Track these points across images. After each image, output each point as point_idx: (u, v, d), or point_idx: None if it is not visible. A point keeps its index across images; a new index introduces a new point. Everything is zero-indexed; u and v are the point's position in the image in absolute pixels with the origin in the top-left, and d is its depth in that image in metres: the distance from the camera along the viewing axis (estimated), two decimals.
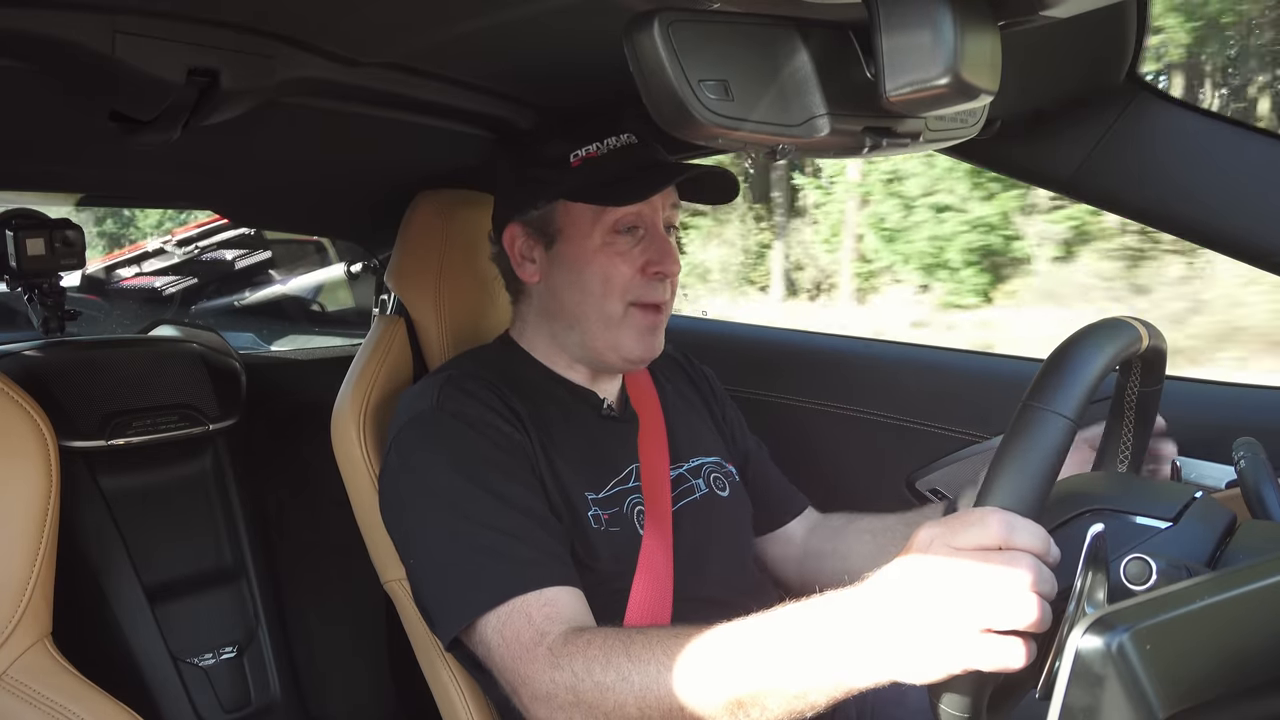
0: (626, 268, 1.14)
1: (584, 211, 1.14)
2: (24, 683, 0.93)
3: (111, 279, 2.76)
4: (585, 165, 1.13)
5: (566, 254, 1.15)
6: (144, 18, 0.89)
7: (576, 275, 1.15)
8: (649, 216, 1.15)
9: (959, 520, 0.69)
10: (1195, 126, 1.17)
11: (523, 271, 1.19)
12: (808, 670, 0.76)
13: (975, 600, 0.67)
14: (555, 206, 1.15)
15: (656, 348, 1.18)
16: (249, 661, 1.62)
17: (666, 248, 1.15)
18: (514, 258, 1.20)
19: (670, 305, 1.19)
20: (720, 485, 1.27)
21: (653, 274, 1.14)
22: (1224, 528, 0.75)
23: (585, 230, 1.14)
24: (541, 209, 1.16)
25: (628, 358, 1.17)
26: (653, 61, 0.61)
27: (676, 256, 1.16)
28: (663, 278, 1.15)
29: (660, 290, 1.15)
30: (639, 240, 1.14)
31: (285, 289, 2.74)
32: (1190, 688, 0.58)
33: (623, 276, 1.13)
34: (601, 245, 1.13)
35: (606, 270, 1.13)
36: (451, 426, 1.09)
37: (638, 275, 1.14)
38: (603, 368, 1.22)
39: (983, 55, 0.61)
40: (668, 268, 1.14)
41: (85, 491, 1.51)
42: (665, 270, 1.14)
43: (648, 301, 1.15)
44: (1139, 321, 0.83)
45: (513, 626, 0.97)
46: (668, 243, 1.16)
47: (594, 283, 1.14)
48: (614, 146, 1.13)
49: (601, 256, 1.13)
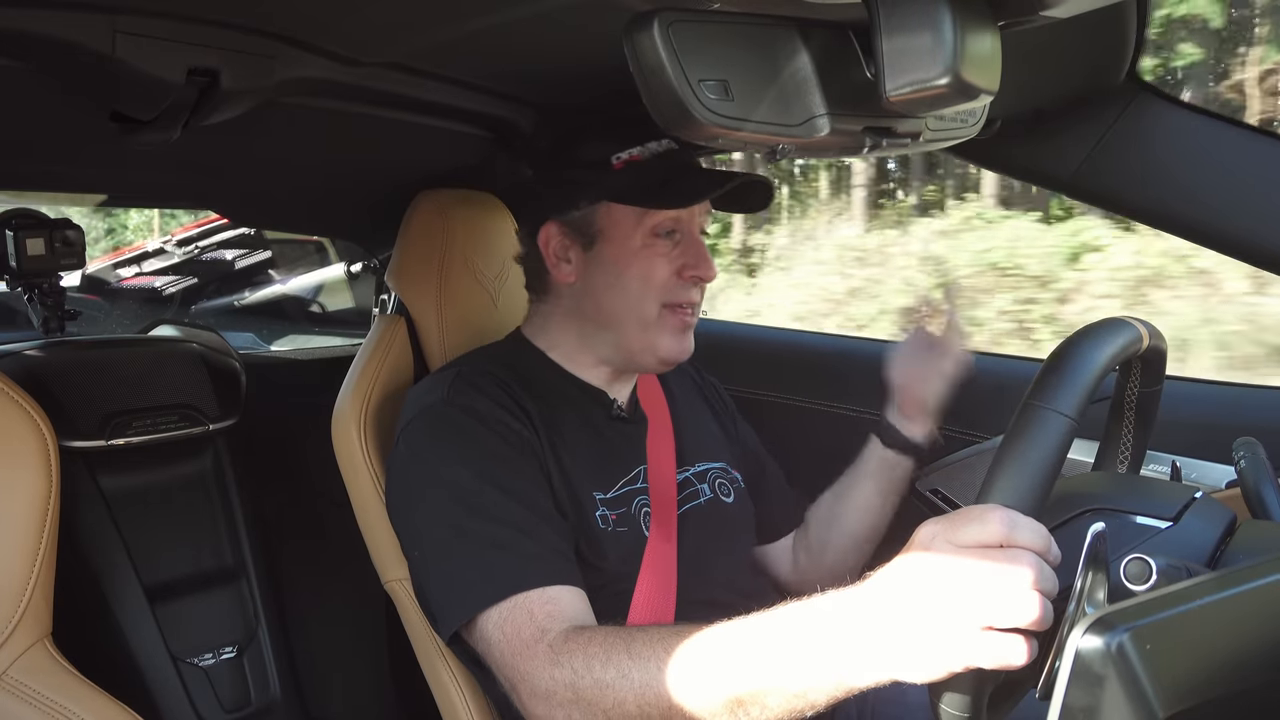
0: (665, 270, 1.15)
1: (627, 214, 1.14)
2: (24, 683, 0.92)
3: (111, 279, 2.76)
4: (629, 168, 1.13)
5: (607, 255, 1.16)
6: (144, 17, 0.89)
7: (616, 276, 1.15)
8: (686, 221, 1.16)
9: (960, 518, 0.69)
10: (1195, 126, 1.17)
11: (558, 272, 1.19)
12: (808, 669, 0.76)
13: (976, 598, 0.67)
14: (597, 208, 1.15)
15: (689, 348, 1.20)
16: (249, 661, 1.62)
17: (703, 252, 1.17)
18: (549, 257, 1.19)
19: (699, 308, 1.20)
20: (725, 491, 1.27)
21: (689, 277, 1.15)
22: (1224, 528, 0.75)
23: (628, 232, 1.14)
24: (583, 209, 1.16)
25: (663, 358, 1.18)
26: (653, 61, 0.61)
27: (712, 261, 1.18)
28: (698, 281, 1.17)
29: (694, 293, 1.17)
30: (676, 244, 1.16)
31: (285, 289, 2.74)
32: (1190, 688, 0.58)
33: (660, 279, 1.14)
34: (642, 247, 1.14)
35: (646, 272, 1.14)
36: (461, 421, 1.09)
37: (674, 278, 1.15)
38: (634, 368, 1.23)
39: (983, 55, 0.61)
40: (704, 272, 1.16)
41: (85, 491, 1.51)
42: (702, 274, 1.16)
43: (681, 302, 1.16)
44: (1139, 321, 0.83)
45: (514, 623, 0.97)
46: (704, 247, 1.17)
47: (633, 284, 1.14)
48: (656, 151, 1.14)
49: (642, 258, 1.14)
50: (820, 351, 1.77)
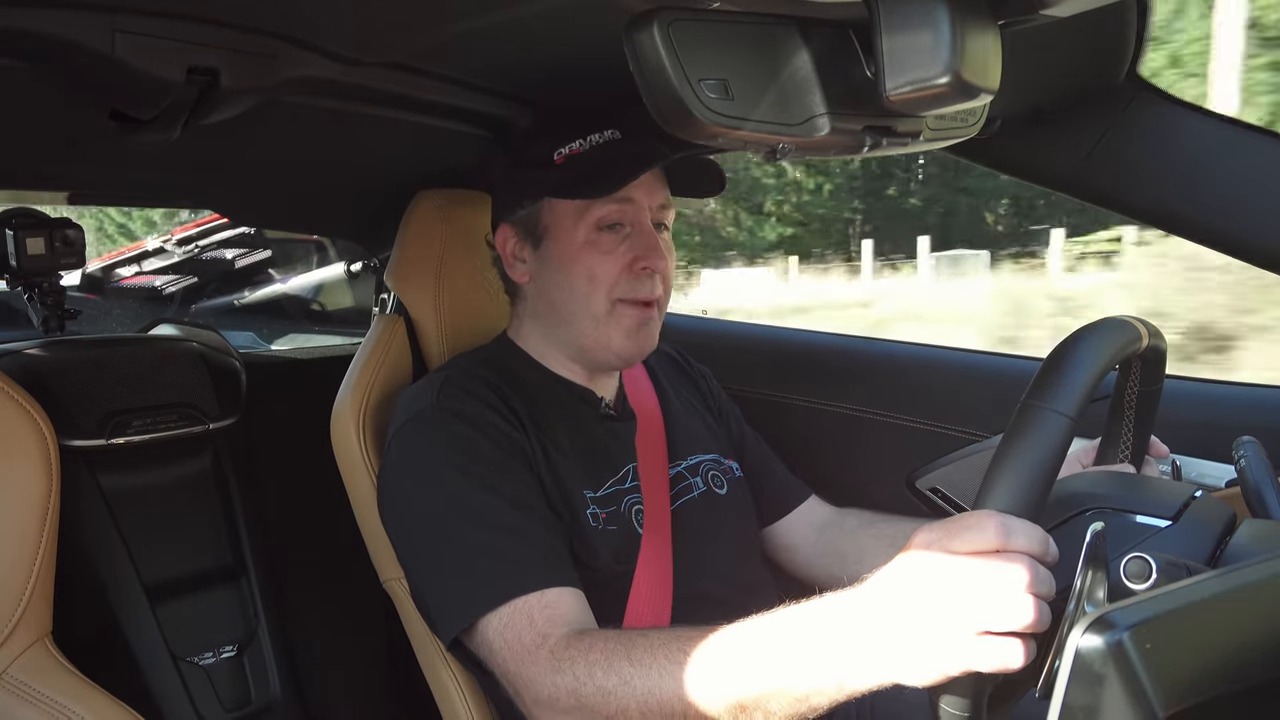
0: (612, 265, 1.13)
1: (568, 208, 1.14)
2: (24, 682, 0.92)
3: (111, 278, 2.76)
4: (569, 162, 1.13)
5: (553, 252, 1.16)
6: (144, 17, 0.89)
7: (563, 273, 1.15)
8: (634, 214, 1.15)
9: (956, 524, 0.69)
10: (1195, 126, 1.17)
11: (514, 272, 1.20)
12: (810, 673, 0.76)
13: (972, 603, 0.67)
14: (541, 205, 1.16)
15: (648, 344, 1.18)
16: (249, 661, 1.62)
17: (653, 242, 1.15)
18: (506, 259, 1.20)
19: (665, 302, 1.19)
20: (718, 483, 1.27)
21: (640, 269, 1.14)
22: (1224, 527, 0.75)
23: (570, 228, 1.14)
24: (528, 208, 1.17)
25: (619, 355, 1.17)
26: (653, 61, 0.61)
27: (663, 251, 1.15)
28: (650, 273, 1.15)
29: (650, 286, 1.15)
30: (624, 238, 1.14)
31: (285, 289, 2.74)
32: (1190, 686, 0.58)
33: (608, 274, 1.13)
34: (586, 243, 1.14)
35: (591, 268, 1.13)
36: (450, 424, 1.09)
37: (625, 272, 1.14)
38: (596, 366, 1.22)
39: (983, 55, 0.61)
40: (654, 262, 1.14)
41: (85, 490, 1.51)
42: (652, 265, 1.14)
43: (637, 298, 1.15)
44: (1139, 321, 0.83)
45: (514, 629, 0.97)
46: (654, 237, 1.15)
47: (579, 280, 1.14)
48: (597, 143, 1.13)
49: (586, 254, 1.14)
50: (820, 351, 1.77)
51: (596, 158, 1.13)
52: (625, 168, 1.11)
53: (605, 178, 1.11)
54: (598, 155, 1.13)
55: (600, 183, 1.11)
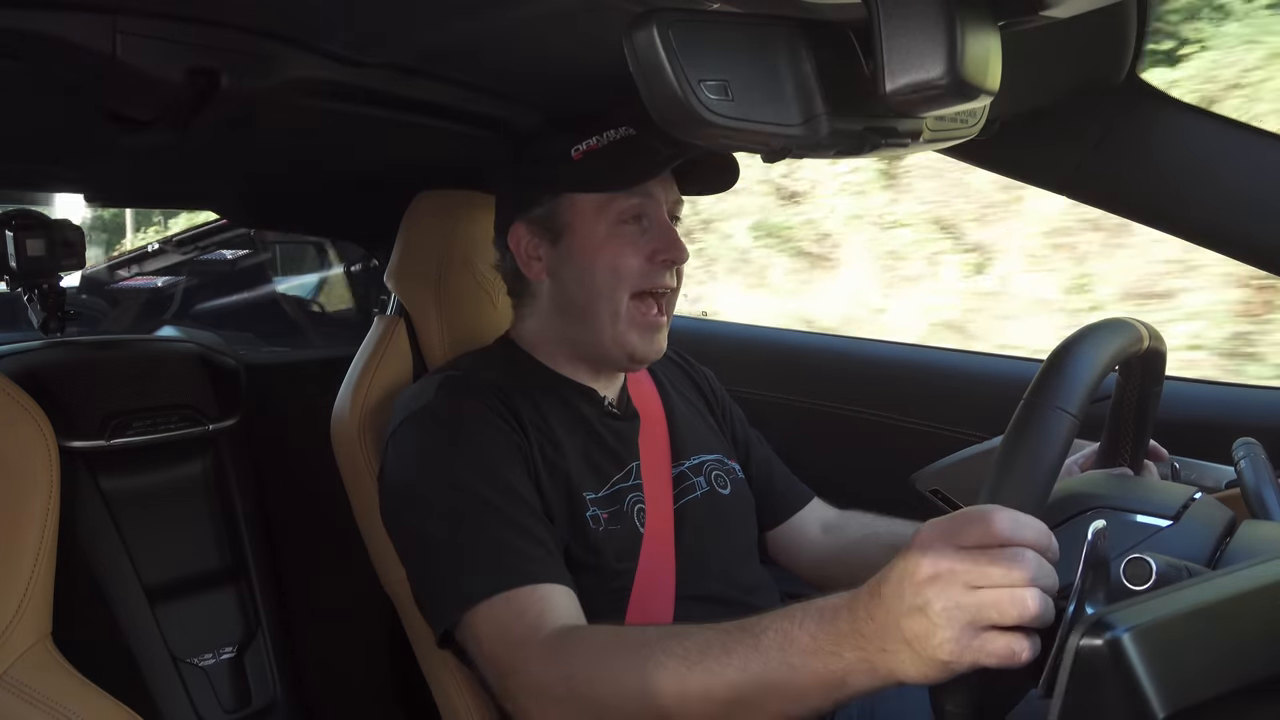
0: (634, 258, 1.14)
1: (589, 203, 1.14)
2: (24, 683, 0.92)
3: (111, 279, 2.76)
4: (587, 157, 1.14)
5: (574, 247, 1.16)
6: (144, 18, 0.89)
7: (585, 268, 1.15)
8: (652, 207, 1.16)
9: (961, 518, 0.69)
10: (1195, 126, 1.17)
11: (530, 270, 1.20)
12: (808, 672, 0.76)
13: (978, 597, 0.67)
14: (560, 201, 1.16)
15: (660, 348, 1.19)
16: (249, 662, 1.62)
17: (673, 235, 1.16)
18: (520, 257, 1.20)
19: (675, 298, 1.20)
20: (721, 483, 1.27)
21: (661, 261, 1.15)
22: (1224, 527, 0.75)
23: (592, 222, 1.15)
24: (546, 205, 1.17)
25: (632, 354, 1.17)
26: (652, 61, 0.61)
27: (683, 244, 1.17)
28: (671, 265, 1.16)
29: (667, 277, 1.17)
30: (645, 230, 1.16)
31: (285, 289, 2.74)
32: (1190, 687, 0.58)
33: (630, 267, 1.14)
34: (608, 236, 1.14)
35: (614, 261, 1.14)
36: (448, 424, 1.09)
37: (645, 264, 1.15)
38: (607, 364, 1.22)
39: (983, 55, 0.61)
40: (676, 254, 1.16)
41: (85, 491, 1.51)
42: (673, 257, 1.16)
43: (655, 287, 1.16)
44: (1139, 322, 0.83)
45: (505, 620, 0.97)
46: (674, 230, 1.17)
47: (603, 274, 1.14)
48: (614, 138, 1.14)
49: (609, 247, 1.14)
50: (820, 351, 1.77)
51: (616, 152, 1.13)
52: (647, 160, 1.12)
53: (627, 170, 1.12)
54: (616, 150, 1.14)
55: (624, 175, 1.12)
